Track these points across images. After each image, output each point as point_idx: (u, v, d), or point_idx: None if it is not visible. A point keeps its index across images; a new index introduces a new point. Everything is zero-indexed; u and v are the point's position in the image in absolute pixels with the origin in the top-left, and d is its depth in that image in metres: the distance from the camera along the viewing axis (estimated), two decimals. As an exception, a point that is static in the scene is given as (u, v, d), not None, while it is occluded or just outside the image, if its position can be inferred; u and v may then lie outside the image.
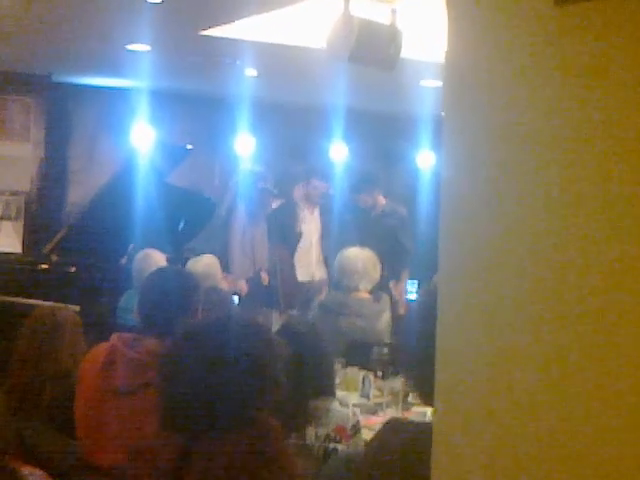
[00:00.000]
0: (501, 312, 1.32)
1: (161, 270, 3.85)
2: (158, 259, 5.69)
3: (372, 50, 4.87)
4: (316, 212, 7.75)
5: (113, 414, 2.95)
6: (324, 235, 7.61)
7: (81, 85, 8.62)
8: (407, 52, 5.08)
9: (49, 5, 5.45)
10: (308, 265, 7.56)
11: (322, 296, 5.59)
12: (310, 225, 7.71)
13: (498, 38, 1.36)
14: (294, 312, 5.82)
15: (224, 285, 5.71)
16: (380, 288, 5.24)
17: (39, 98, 8.25)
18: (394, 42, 4.97)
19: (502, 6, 1.36)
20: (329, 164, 8.99)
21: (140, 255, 5.84)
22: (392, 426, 2.32)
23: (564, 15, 1.26)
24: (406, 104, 8.08)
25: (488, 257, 1.35)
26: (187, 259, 5.97)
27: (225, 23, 5.69)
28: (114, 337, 3.10)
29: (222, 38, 6.04)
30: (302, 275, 7.54)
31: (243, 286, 7.08)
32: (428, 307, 2.16)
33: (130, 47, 6.55)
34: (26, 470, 2.68)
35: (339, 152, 9.47)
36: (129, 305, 5.47)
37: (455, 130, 1.44)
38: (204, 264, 5.33)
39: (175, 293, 3.14)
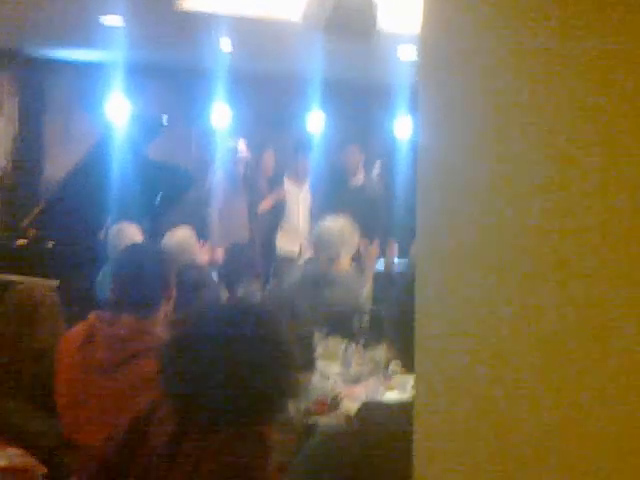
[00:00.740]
0: (481, 281, 1.33)
1: (133, 247, 3.85)
2: (132, 233, 5.67)
3: (348, 22, 4.85)
4: (305, 187, 7.76)
5: (94, 392, 2.95)
6: (313, 208, 7.62)
7: (54, 59, 8.53)
8: (383, 23, 5.06)
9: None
10: (295, 238, 7.58)
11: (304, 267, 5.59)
12: (298, 198, 7.72)
13: (473, 10, 1.37)
14: (273, 285, 5.83)
15: (202, 256, 5.70)
16: (360, 257, 5.24)
17: (11, 73, 8.16)
18: (370, 13, 4.95)
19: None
20: (308, 135, 8.98)
21: (114, 230, 5.83)
22: (366, 410, 2.32)
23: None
24: (383, 74, 8.06)
25: (465, 224, 1.36)
26: (164, 232, 5.96)
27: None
28: (92, 315, 3.09)
29: (197, 12, 5.99)
30: (288, 247, 7.56)
31: (220, 255, 7.08)
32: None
33: (104, 21, 6.48)
34: (9, 451, 2.68)
35: (316, 122, 9.45)
36: (107, 280, 5.46)
37: (430, 99, 1.45)
38: (179, 237, 5.32)
39: (148, 270, 3.12)
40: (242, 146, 7.61)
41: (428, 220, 1.45)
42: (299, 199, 7.75)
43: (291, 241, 7.59)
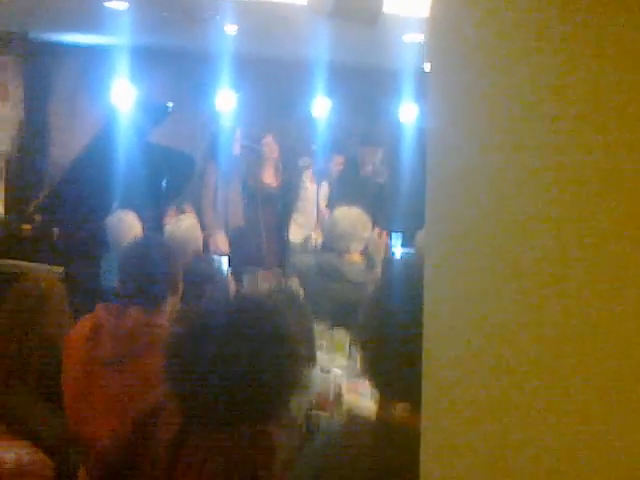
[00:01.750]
0: (492, 275, 1.31)
1: (140, 239, 3.83)
2: (131, 222, 5.65)
3: (354, 6, 4.81)
4: (316, 176, 7.81)
5: (100, 386, 2.96)
6: (325, 198, 7.65)
7: (59, 43, 8.49)
8: (389, 7, 5.03)
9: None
10: (305, 227, 7.59)
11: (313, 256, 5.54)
12: (309, 187, 7.75)
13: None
14: (281, 275, 5.80)
15: (208, 245, 5.70)
16: (371, 248, 5.18)
17: (16, 57, 8.12)
18: (376, -3, 4.92)
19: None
20: (312, 120, 8.96)
21: (113, 218, 5.81)
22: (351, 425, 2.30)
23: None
24: (389, 58, 8.02)
25: (475, 212, 1.35)
26: (166, 219, 5.96)
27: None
28: (99, 308, 3.09)
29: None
30: (298, 237, 7.58)
31: (225, 242, 7.07)
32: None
33: (108, 4, 6.45)
34: (17, 445, 2.69)
35: (321, 107, 9.40)
36: (109, 268, 5.46)
37: (439, 84, 1.43)
38: (184, 227, 5.29)
39: (155, 263, 3.11)
40: (238, 134, 7.60)
41: (437, 208, 1.44)
42: (310, 188, 7.76)
43: (302, 231, 7.60)
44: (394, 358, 2.04)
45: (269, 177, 7.80)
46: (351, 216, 4.89)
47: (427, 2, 1.48)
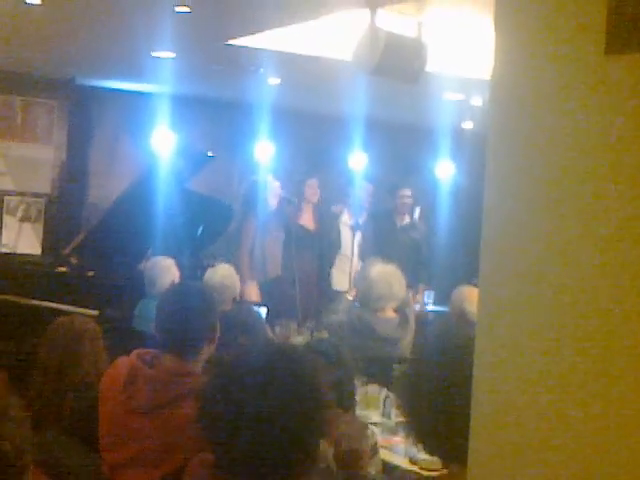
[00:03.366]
0: (546, 336, 1.31)
1: (179, 286, 3.82)
2: (169, 267, 5.68)
3: (397, 63, 4.86)
4: (354, 225, 7.87)
5: (136, 433, 2.93)
6: (363, 249, 7.67)
7: (104, 88, 8.63)
8: (431, 65, 5.07)
9: (74, 9, 5.46)
10: (342, 277, 7.61)
11: (346, 312, 5.51)
12: (348, 235, 7.79)
13: (546, 73, 1.36)
14: (312, 327, 5.78)
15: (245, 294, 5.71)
16: (405, 305, 5.13)
17: (62, 101, 8.25)
18: (419, 56, 4.96)
19: (552, 42, 1.36)
20: (349, 173, 9.01)
21: (150, 263, 5.84)
22: None
23: (613, 64, 1.27)
24: (428, 116, 8.07)
25: (530, 278, 1.35)
26: (204, 265, 5.97)
27: (251, 34, 5.69)
28: (134, 354, 3.06)
29: (247, 47, 6.04)
30: (338, 285, 7.61)
31: (255, 292, 7.06)
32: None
33: (155, 54, 6.55)
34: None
35: (358, 161, 9.45)
36: (144, 313, 5.48)
37: (499, 155, 1.44)
38: (221, 275, 5.30)
39: (194, 312, 3.09)
40: (277, 186, 7.60)
41: (491, 273, 1.44)
42: (346, 237, 7.78)
43: (340, 281, 7.62)
44: (439, 417, 2.01)
45: (306, 220, 7.82)
46: (387, 276, 4.82)
47: (470, 63, 1.50)
